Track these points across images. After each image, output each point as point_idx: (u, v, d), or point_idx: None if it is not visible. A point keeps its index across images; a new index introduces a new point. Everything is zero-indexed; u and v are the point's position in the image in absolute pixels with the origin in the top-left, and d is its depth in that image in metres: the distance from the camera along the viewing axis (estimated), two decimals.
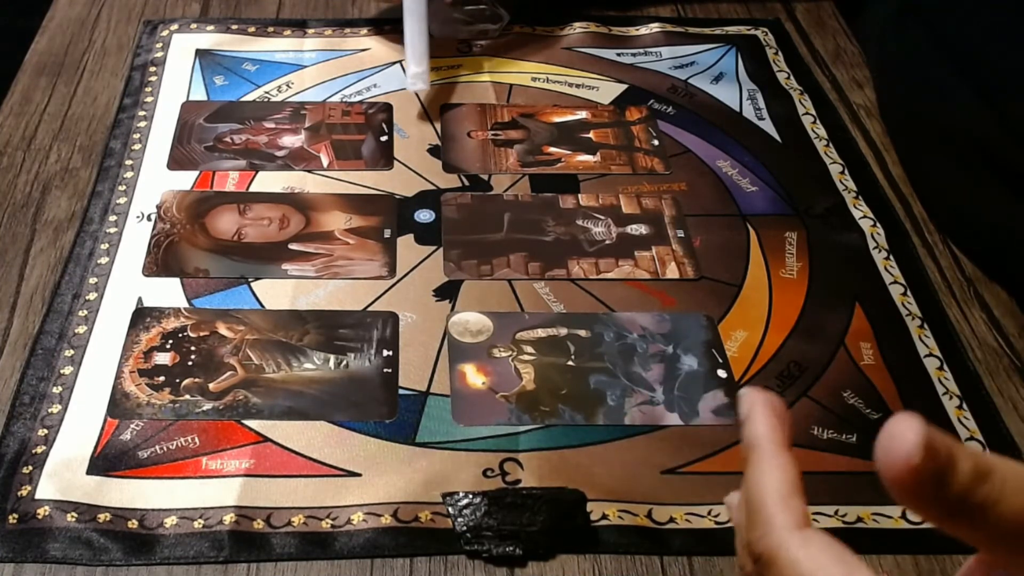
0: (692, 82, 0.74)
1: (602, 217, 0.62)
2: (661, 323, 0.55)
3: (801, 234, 0.62)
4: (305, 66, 0.74)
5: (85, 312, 0.54)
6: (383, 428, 0.49)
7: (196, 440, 0.48)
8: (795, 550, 0.29)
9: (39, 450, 0.47)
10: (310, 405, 0.50)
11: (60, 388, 0.50)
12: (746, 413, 0.33)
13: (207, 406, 0.50)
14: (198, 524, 0.45)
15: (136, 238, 0.59)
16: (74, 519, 0.45)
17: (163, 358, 0.52)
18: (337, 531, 0.45)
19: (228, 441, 0.48)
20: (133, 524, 0.45)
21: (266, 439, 0.48)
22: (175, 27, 0.77)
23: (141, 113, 0.68)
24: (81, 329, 0.53)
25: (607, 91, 0.73)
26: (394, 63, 0.74)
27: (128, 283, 0.56)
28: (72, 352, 0.52)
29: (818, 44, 0.80)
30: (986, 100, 0.58)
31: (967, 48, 0.60)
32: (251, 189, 0.63)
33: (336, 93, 0.71)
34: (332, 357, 0.52)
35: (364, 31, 0.78)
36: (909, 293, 0.58)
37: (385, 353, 0.53)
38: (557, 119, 0.70)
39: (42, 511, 0.45)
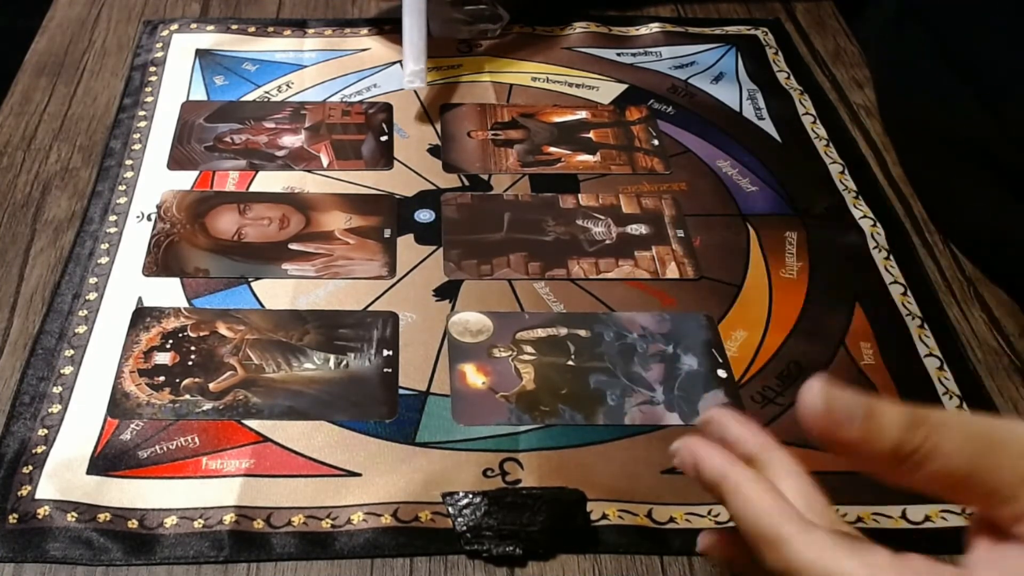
0: (692, 82, 0.74)
1: (602, 217, 0.62)
2: (661, 323, 0.55)
3: (801, 234, 0.62)
4: (305, 66, 0.74)
5: (85, 312, 0.54)
6: (383, 428, 0.49)
7: (196, 440, 0.48)
8: (814, 554, 0.29)
9: (39, 450, 0.47)
10: (310, 405, 0.50)
11: (60, 388, 0.50)
12: (691, 455, 0.34)
13: (207, 406, 0.50)
14: (198, 524, 0.45)
15: (136, 238, 0.59)
16: (74, 519, 0.45)
17: (163, 358, 0.52)
18: (337, 531, 0.45)
19: (228, 441, 0.48)
20: (133, 524, 0.45)
21: (266, 439, 0.48)
22: (175, 27, 0.77)
23: (141, 113, 0.68)
24: (81, 329, 0.53)
25: (607, 91, 0.73)
26: (394, 63, 0.74)
27: (128, 283, 0.56)
28: (72, 352, 0.52)
29: (818, 44, 0.80)
30: (986, 100, 0.58)
31: (967, 48, 0.60)
32: (251, 189, 0.63)
33: (336, 93, 0.71)
34: (332, 357, 0.52)
35: (364, 31, 0.78)
36: (909, 293, 0.58)
37: (385, 353, 0.53)
38: (557, 119, 0.70)
39: (42, 511, 0.45)
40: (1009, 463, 0.29)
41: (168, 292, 0.56)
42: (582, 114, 0.71)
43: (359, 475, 0.47)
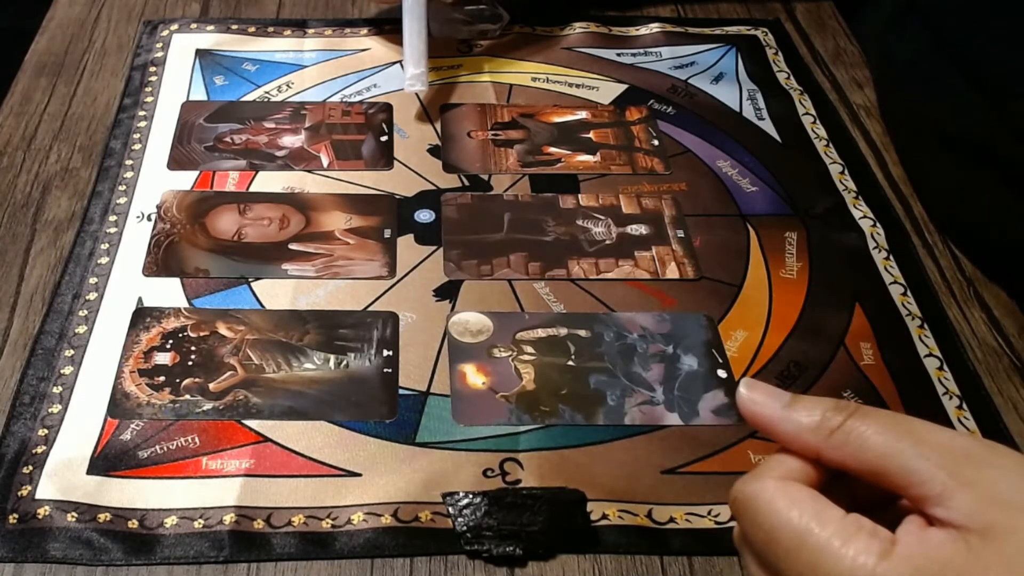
0: (692, 82, 0.74)
1: (602, 217, 0.62)
2: (661, 323, 0.55)
3: (801, 234, 0.62)
4: (305, 66, 0.74)
5: (85, 312, 0.54)
6: (383, 428, 0.49)
7: (196, 440, 0.48)
8: (772, 492, 0.32)
9: (39, 450, 0.47)
10: (310, 405, 0.50)
11: (60, 388, 0.50)
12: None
13: (207, 406, 0.50)
14: (198, 524, 0.45)
15: (136, 238, 0.59)
16: (74, 519, 0.45)
17: (163, 358, 0.52)
18: (337, 531, 0.45)
19: (228, 441, 0.48)
20: (133, 524, 0.45)
21: (266, 439, 0.48)
22: (175, 27, 0.77)
23: (141, 113, 0.68)
24: (81, 329, 0.53)
25: (607, 91, 0.73)
26: (394, 63, 0.74)
27: (128, 283, 0.56)
28: (72, 352, 0.52)
29: (818, 44, 0.80)
30: (986, 99, 0.58)
31: (967, 47, 0.60)
32: (251, 189, 0.63)
33: (336, 93, 0.71)
34: (332, 357, 0.52)
35: (364, 31, 0.78)
36: (909, 293, 0.58)
37: (385, 353, 0.53)
38: (557, 119, 0.70)
39: (42, 511, 0.45)
40: (924, 451, 0.31)
41: (168, 292, 0.56)
42: (582, 114, 0.71)
43: (359, 475, 0.47)
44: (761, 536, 0.32)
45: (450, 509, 0.45)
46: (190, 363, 0.52)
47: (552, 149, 0.67)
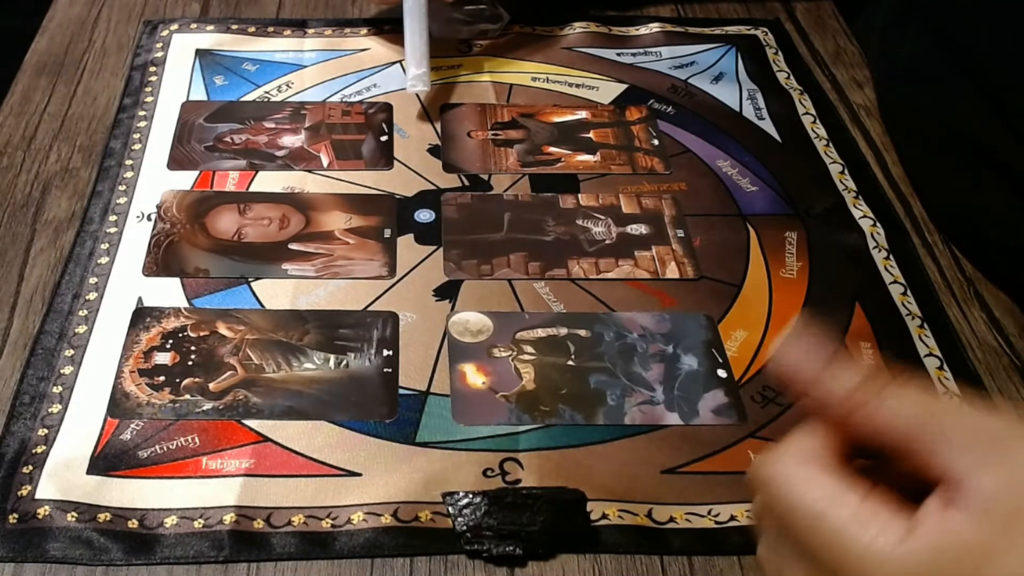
0: (692, 82, 0.74)
1: (602, 217, 0.62)
2: (661, 323, 0.55)
3: (801, 234, 0.62)
4: (305, 66, 0.74)
5: (85, 312, 0.54)
6: (383, 428, 0.49)
7: (196, 440, 0.48)
8: (790, 471, 0.32)
9: (39, 450, 0.47)
10: (310, 405, 0.50)
11: (60, 388, 0.50)
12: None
13: (207, 406, 0.50)
14: (198, 524, 0.45)
15: (136, 238, 0.59)
16: (74, 519, 0.45)
17: (163, 358, 0.52)
18: (337, 531, 0.45)
19: (228, 441, 0.48)
20: (133, 524, 0.45)
21: (266, 439, 0.48)
22: (175, 27, 0.77)
23: (141, 113, 0.68)
24: (81, 329, 0.53)
25: (607, 91, 0.73)
26: (394, 63, 0.74)
27: (128, 283, 0.56)
28: (72, 352, 0.52)
29: (818, 44, 0.80)
30: (987, 99, 0.58)
31: (968, 47, 0.60)
32: (251, 189, 0.63)
33: (336, 93, 0.71)
34: (332, 357, 0.52)
35: (364, 31, 0.78)
36: (909, 293, 0.58)
37: (385, 353, 0.53)
38: (557, 119, 0.70)
39: (42, 511, 0.45)
40: (951, 431, 0.30)
41: (168, 292, 0.56)
42: (582, 114, 0.71)
43: (359, 475, 0.47)
44: (777, 516, 0.32)
45: (450, 509, 0.45)
46: (190, 363, 0.52)
47: (552, 149, 0.67)
